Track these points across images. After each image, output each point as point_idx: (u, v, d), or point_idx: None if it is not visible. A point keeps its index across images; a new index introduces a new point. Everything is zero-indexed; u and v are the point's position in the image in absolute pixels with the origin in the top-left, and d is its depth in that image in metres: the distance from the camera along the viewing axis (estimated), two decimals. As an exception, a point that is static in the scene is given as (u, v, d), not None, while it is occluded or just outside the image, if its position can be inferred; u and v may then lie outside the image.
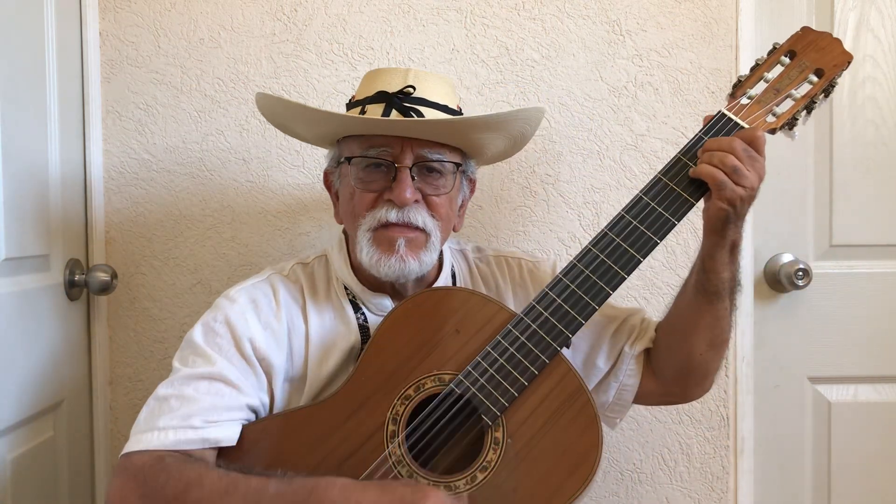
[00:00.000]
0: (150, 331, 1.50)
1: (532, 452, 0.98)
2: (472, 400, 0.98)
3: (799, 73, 1.04)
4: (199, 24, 1.48)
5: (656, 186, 1.02)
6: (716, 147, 0.98)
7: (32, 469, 1.29)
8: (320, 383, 1.08)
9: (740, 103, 1.04)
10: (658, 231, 1.00)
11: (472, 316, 1.04)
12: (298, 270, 1.17)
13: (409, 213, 1.05)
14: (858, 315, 1.57)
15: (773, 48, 1.07)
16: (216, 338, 1.04)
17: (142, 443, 0.95)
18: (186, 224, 1.50)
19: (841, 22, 1.55)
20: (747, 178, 0.96)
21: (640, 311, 1.21)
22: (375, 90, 1.09)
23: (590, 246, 1.02)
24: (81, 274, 1.42)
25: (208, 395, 0.99)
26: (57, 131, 1.37)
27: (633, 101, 1.51)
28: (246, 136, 1.49)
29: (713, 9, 1.51)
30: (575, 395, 0.99)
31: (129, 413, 1.49)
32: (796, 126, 1.04)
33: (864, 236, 1.58)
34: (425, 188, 1.08)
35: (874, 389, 1.59)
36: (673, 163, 1.02)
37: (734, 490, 1.54)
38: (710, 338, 1.08)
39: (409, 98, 1.07)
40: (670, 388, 1.16)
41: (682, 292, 1.12)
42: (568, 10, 1.50)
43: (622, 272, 1.00)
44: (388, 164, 1.06)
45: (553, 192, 1.51)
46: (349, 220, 1.12)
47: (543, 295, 1.02)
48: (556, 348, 0.99)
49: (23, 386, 1.26)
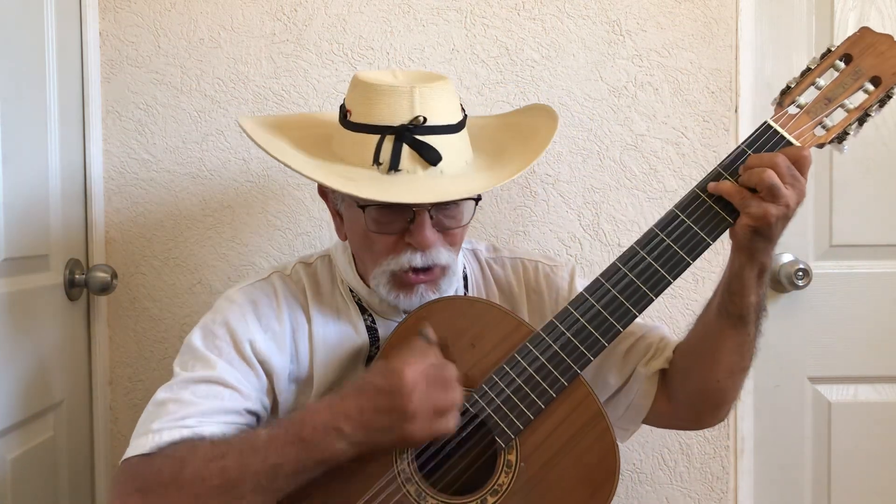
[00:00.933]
0: (150, 331, 1.50)
1: (546, 478, 0.94)
2: (486, 421, 0.95)
3: (854, 80, 0.94)
4: (199, 24, 1.48)
5: (693, 203, 0.94)
6: (757, 164, 0.91)
7: (32, 469, 1.29)
8: (328, 383, 1.07)
9: (788, 113, 0.95)
10: (691, 251, 0.94)
11: (489, 330, 0.99)
12: (301, 270, 1.14)
13: (433, 256, 1.00)
14: (858, 315, 1.57)
15: (826, 51, 0.97)
16: (215, 340, 1.02)
17: (138, 448, 0.94)
18: (186, 224, 1.50)
19: (841, 22, 1.55)
20: (784, 196, 0.89)
21: (660, 329, 1.15)
22: (379, 117, 1.00)
23: (618, 264, 0.96)
24: (81, 274, 1.42)
25: (206, 399, 0.97)
26: (57, 131, 1.37)
27: (633, 101, 1.51)
28: (246, 136, 1.49)
29: (713, 9, 1.51)
30: (593, 421, 0.95)
31: (129, 413, 1.49)
32: (846, 140, 0.96)
33: (864, 236, 1.58)
34: (443, 223, 1.02)
35: (874, 389, 1.59)
36: (713, 177, 0.95)
37: (734, 490, 1.53)
38: (730, 365, 1.02)
39: (420, 129, 0.99)
40: (683, 414, 1.10)
41: (703, 313, 1.06)
42: (568, 10, 1.50)
43: (650, 293, 0.94)
44: (405, 206, 0.99)
45: (553, 192, 1.51)
46: (363, 253, 1.06)
47: (566, 313, 0.96)
48: (576, 371, 0.95)
49: (23, 386, 1.26)
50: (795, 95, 0.96)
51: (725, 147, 1.50)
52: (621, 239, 1.51)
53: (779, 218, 0.91)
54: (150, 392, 1.02)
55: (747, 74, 1.51)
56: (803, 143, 0.94)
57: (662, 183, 1.51)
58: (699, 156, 1.51)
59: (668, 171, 1.51)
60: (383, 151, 0.99)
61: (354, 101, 1.05)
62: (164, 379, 1.03)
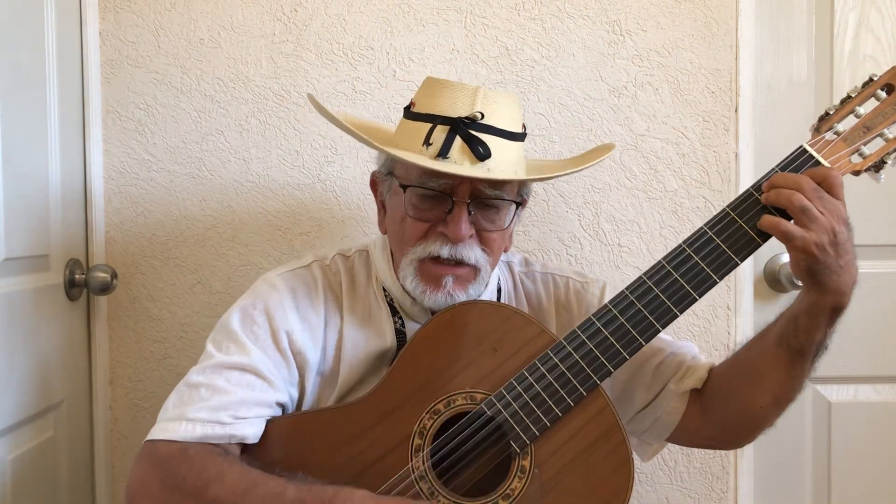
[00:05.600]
0: (150, 331, 1.50)
1: (559, 486, 0.95)
2: (503, 425, 0.95)
3: (895, 110, 0.94)
4: (199, 24, 1.48)
5: (724, 221, 0.94)
6: (782, 183, 0.90)
7: (32, 469, 1.29)
8: (352, 382, 1.07)
9: (825, 139, 0.95)
10: (719, 269, 0.93)
11: (511, 335, 1.00)
12: (339, 262, 1.13)
13: (462, 250, 1.00)
14: (858, 315, 1.55)
15: (868, 80, 0.97)
16: (253, 326, 1.02)
17: (168, 431, 0.94)
18: (186, 224, 1.50)
19: (841, 22, 1.55)
20: (818, 220, 0.87)
21: (690, 348, 1.14)
22: (439, 108, 1.01)
23: (644, 277, 0.96)
24: (81, 274, 1.42)
25: (240, 388, 0.97)
26: (57, 131, 1.37)
27: (633, 101, 1.51)
28: (246, 136, 1.50)
29: (713, 9, 1.51)
30: (610, 433, 0.95)
31: (129, 413, 1.49)
32: (884, 169, 0.95)
33: (864, 236, 1.56)
34: (481, 222, 1.03)
35: (874, 389, 1.59)
36: (744, 197, 0.95)
37: (734, 490, 1.53)
38: (778, 395, 1.01)
39: (475, 125, 0.99)
40: (716, 433, 1.09)
41: (758, 339, 1.04)
42: (568, 10, 1.50)
43: (675, 308, 0.94)
44: (445, 195, 1.00)
45: (553, 192, 1.51)
46: (396, 241, 1.07)
47: (589, 324, 0.96)
48: (595, 381, 0.95)
49: (23, 386, 1.26)
50: (834, 122, 0.95)
51: (725, 147, 1.50)
52: (621, 239, 1.51)
53: (821, 246, 0.88)
54: (150, 392, 1.02)
55: (747, 74, 1.51)
56: (838, 168, 0.94)
57: (662, 183, 1.51)
58: (699, 156, 1.51)
59: (668, 171, 1.51)
60: (435, 138, 0.99)
61: (420, 95, 1.07)
62: (164, 379, 1.03)
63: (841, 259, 0.90)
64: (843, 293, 0.92)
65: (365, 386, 1.06)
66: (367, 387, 1.05)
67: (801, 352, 0.97)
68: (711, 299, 1.51)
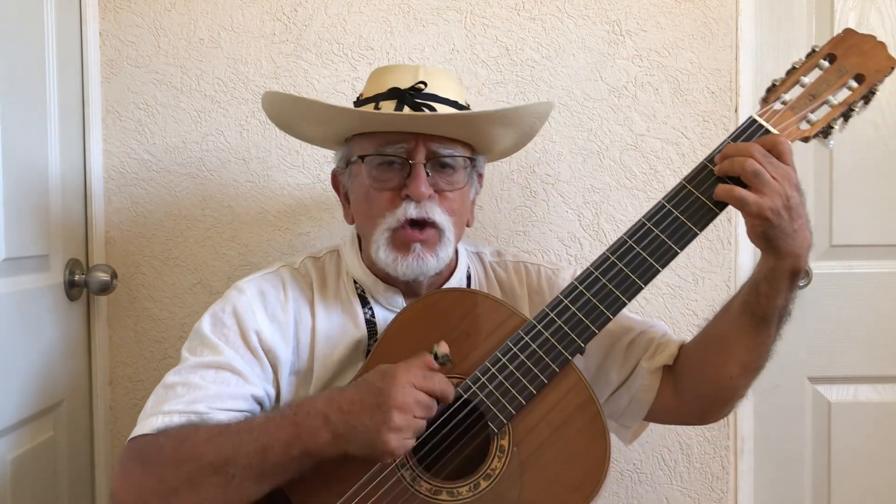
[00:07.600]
0: (150, 331, 1.50)
1: (537, 462, 0.96)
2: (480, 406, 0.97)
3: (838, 77, 0.98)
4: (199, 24, 1.48)
5: (680, 194, 0.97)
6: (734, 152, 0.93)
7: (32, 469, 1.29)
8: (327, 377, 1.09)
9: (773, 108, 0.98)
10: (679, 240, 0.96)
11: (483, 319, 1.02)
12: (309, 264, 1.17)
13: (426, 208, 1.05)
14: (858, 315, 1.57)
15: (811, 51, 1.01)
16: (223, 328, 1.05)
17: (146, 426, 0.96)
18: (186, 224, 1.50)
19: (841, 22, 1.55)
20: (770, 184, 0.90)
21: (661, 326, 1.17)
22: (386, 87, 1.09)
23: (608, 253, 0.98)
24: (81, 274, 1.42)
25: (214, 384, 1.00)
26: (57, 131, 1.37)
27: (633, 101, 1.51)
28: (246, 136, 1.50)
29: (713, 9, 1.51)
30: (584, 407, 0.97)
31: (129, 413, 1.49)
32: (832, 134, 0.99)
33: (864, 236, 1.58)
34: (439, 183, 1.07)
35: (874, 389, 1.59)
36: (698, 169, 0.97)
37: (734, 490, 1.54)
38: (746, 363, 1.03)
39: (420, 94, 1.07)
40: (689, 408, 1.11)
41: (724, 310, 1.06)
42: (568, 10, 1.50)
43: (639, 281, 0.97)
44: (403, 161, 1.06)
45: (553, 192, 1.51)
46: (364, 219, 1.11)
47: (557, 302, 0.99)
48: (567, 357, 0.97)
49: (23, 386, 1.26)
50: (781, 92, 0.99)
51: (725, 147, 1.50)
52: (621, 239, 1.51)
53: (775, 210, 0.91)
54: (151, 392, 1.02)
55: (747, 74, 1.51)
56: (787, 136, 0.97)
57: (662, 183, 1.51)
58: (699, 156, 1.50)
59: (668, 171, 1.51)
60: (384, 108, 1.07)
61: (367, 86, 1.14)
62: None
63: (794, 223, 0.92)
64: (798, 256, 0.94)
65: (340, 380, 1.08)
66: (342, 380, 1.07)
67: (764, 318, 0.99)
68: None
